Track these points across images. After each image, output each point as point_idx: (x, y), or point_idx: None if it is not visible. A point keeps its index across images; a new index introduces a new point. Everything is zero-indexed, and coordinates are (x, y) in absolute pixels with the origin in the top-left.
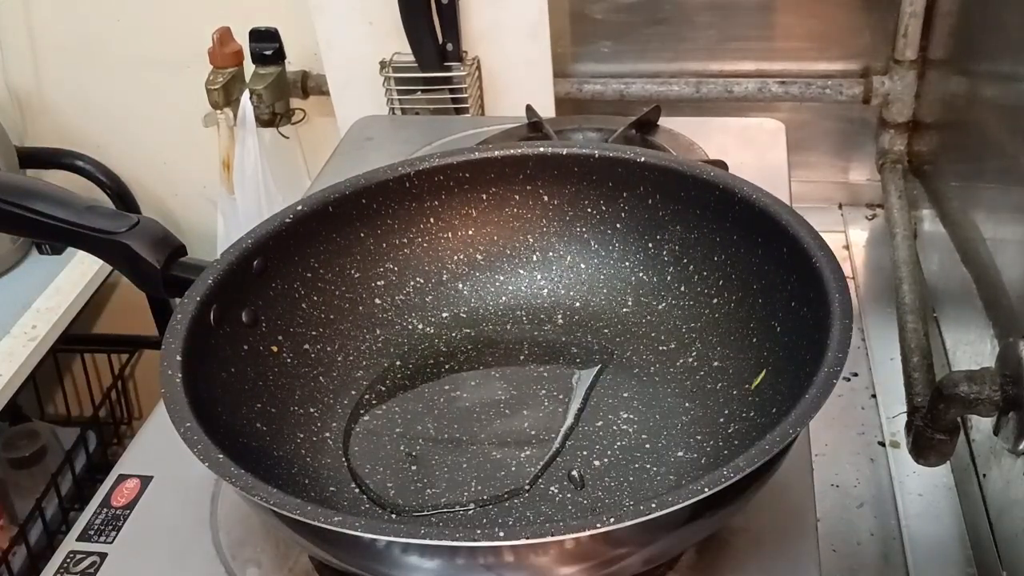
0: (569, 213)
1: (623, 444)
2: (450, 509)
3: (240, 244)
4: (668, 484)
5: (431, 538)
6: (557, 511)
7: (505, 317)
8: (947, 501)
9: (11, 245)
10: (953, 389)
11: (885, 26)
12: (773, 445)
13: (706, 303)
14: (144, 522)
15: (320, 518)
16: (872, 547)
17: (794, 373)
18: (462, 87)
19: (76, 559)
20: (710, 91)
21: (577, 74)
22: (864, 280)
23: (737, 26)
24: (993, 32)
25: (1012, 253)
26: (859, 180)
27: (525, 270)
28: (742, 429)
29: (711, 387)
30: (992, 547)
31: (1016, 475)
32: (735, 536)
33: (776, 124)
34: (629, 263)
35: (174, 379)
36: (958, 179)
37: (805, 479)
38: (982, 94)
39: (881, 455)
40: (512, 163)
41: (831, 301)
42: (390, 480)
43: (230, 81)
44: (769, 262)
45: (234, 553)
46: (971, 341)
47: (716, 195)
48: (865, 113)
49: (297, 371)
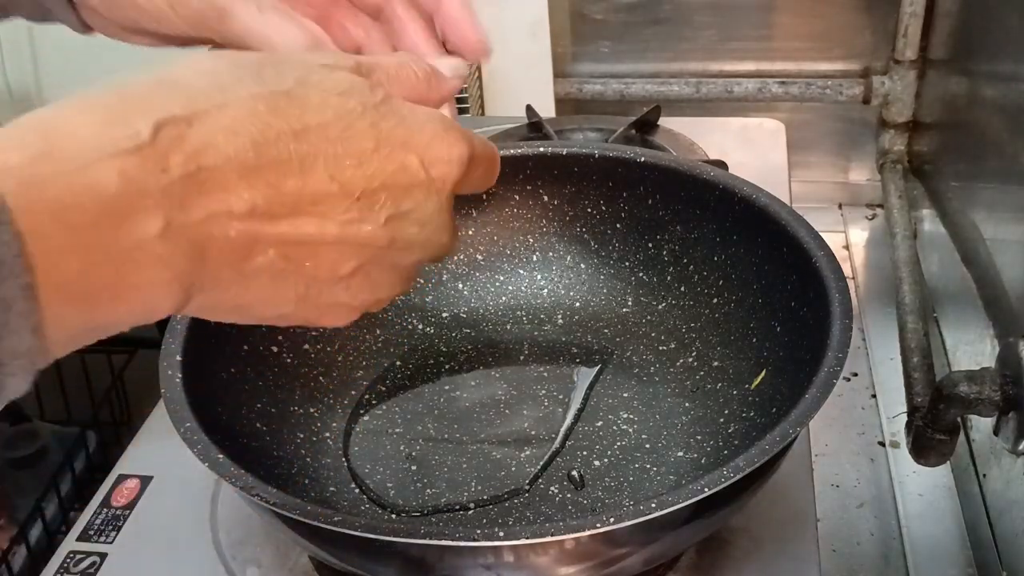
0: (569, 213)
1: (623, 444)
2: (450, 509)
3: None
4: (668, 484)
5: (431, 538)
6: (557, 511)
7: (505, 317)
8: (947, 501)
9: None
10: (953, 389)
11: (885, 26)
12: (773, 445)
13: (706, 303)
14: (144, 522)
15: (320, 518)
16: (872, 547)
17: (794, 373)
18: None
19: (76, 559)
20: (710, 91)
21: (577, 74)
22: (864, 280)
23: (737, 26)
24: (993, 32)
25: (1012, 253)
26: (859, 180)
27: (525, 270)
28: (742, 429)
29: (711, 387)
30: (992, 547)
31: (1016, 475)
32: (735, 536)
33: (776, 124)
34: (629, 263)
35: (174, 379)
36: (958, 179)
37: (805, 479)
38: (982, 94)
39: (881, 455)
40: (512, 163)
41: (831, 301)
42: (390, 480)
43: None
44: (769, 262)
45: (234, 553)
46: (971, 341)
47: (716, 195)
48: (865, 113)
49: (297, 371)
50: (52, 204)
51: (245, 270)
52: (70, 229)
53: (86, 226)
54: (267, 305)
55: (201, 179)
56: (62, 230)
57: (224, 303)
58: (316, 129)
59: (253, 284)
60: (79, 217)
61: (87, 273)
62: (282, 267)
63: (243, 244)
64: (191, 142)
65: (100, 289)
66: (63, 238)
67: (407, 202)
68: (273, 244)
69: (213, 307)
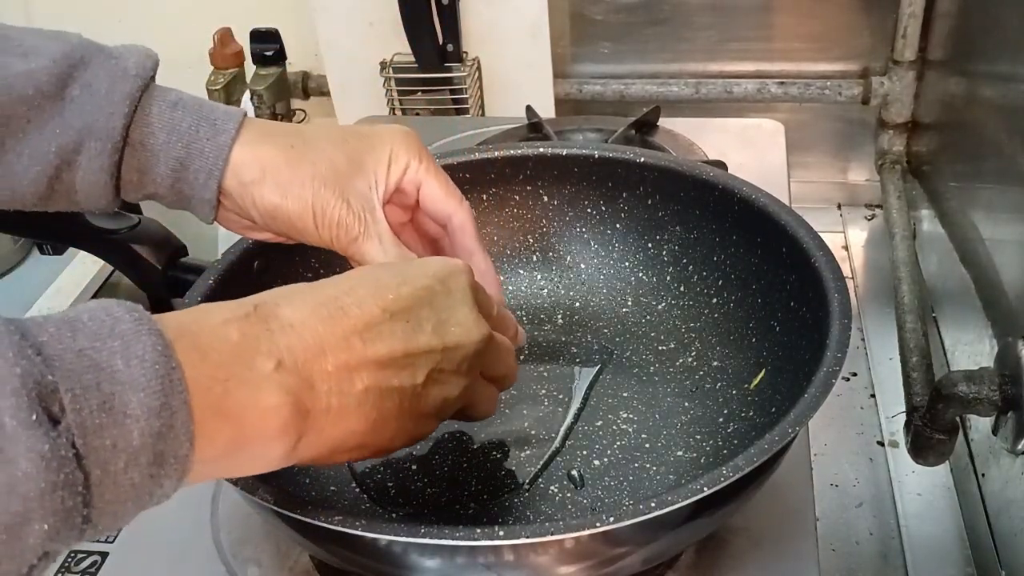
0: (569, 213)
1: (623, 444)
2: (450, 508)
3: (241, 244)
4: (667, 483)
5: (431, 538)
6: (557, 510)
7: None
8: (946, 500)
9: (12, 245)
10: (952, 389)
11: (884, 27)
12: (772, 444)
13: (705, 303)
14: (145, 521)
15: (320, 518)
16: (871, 546)
17: (793, 373)
18: (462, 88)
19: (77, 559)
20: (710, 92)
21: (577, 75)
22: (863, 280)
23: (737, 27)
24: (992, 33)
25: (1010, 253)
26: (858, 180)
27: (525, 270)
28: (741, 428)
29: (710, 387)
30: (991, 546)
31: (1014, 475)
32: (735, 536)
33: (775, 125)
34: (629, 263)
35: None
36: (957, 179)
37: (804, 479)
38: (981, 95)
39: (880, 455)
40: (512, 163)
41: (830, 301)
42: (390, 480)
43: (231, 82)
44: (768, 262)
45: (235, 552)
46: (970, 341)
47: (716, 195)
48: (864, 114)
49: None
50: (199, 347)
51: (350, 393)
52: (212, 364)
53: (222, 363)
54: (375, 426)
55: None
56: (207, 364)
57: (338, 432)
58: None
59: (360, 408)
60: (216, 356)
61: (226, 395)
62: (376, 387)
63: (343, 373)
64: (283, 312)
65: (237, 410)
66: (208, 369)
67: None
68: (366, 368)
69: (331, 443)
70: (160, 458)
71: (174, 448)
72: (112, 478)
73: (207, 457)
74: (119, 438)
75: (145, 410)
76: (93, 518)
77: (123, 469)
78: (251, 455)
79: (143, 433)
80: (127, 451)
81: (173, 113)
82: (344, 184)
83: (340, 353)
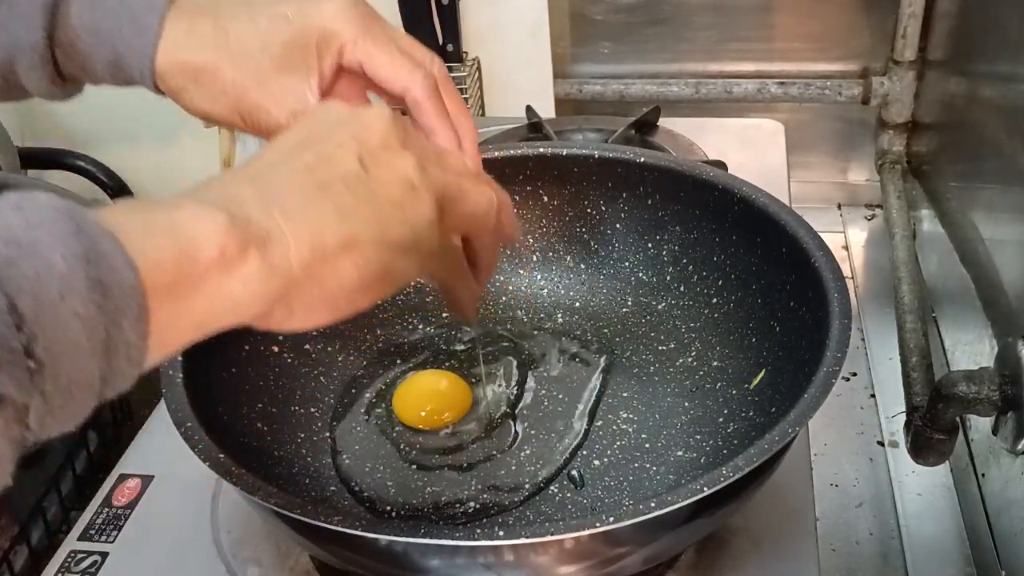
0: (569, 213)
1: (623, 444)
2: (450, 508)
3: None
4: (667, 483)
5: (431, 538)
6: (557, 510)
7: (505, 317)
8: (946, 500)
9: None
10: (952, 389)
11: (884, 27)
12: (772, 444)
13: (705, 303)
14: (145, 521)
15: (321, 518)
16: (871, 546)
17: (793, 373)
18: (462, 87)
19: (77, 558)
20: (710, 92)
21: (577, 75)
22: (863, 280)
23: (737, 27)
24: (992, 33)
25: (1010, 253)
26: (858, 180)
27: (525, 270)
28: (741, 429)
29: (710, 387)
30: (991, 546)
31: (1014, 475)
32: (735, 536)
33: (775, 125)
34: (629, 263)
35: (175, 379)
36: (957, 179)
37: (804, 479)
38: (981, 95)
39: (880, 455)
40: (512, 163)
41: (830, 301)
42: (390, 479)
43: None
44: (768, 262)
45: (235, 552)
46: (970, 341)
47: (716, 195)
48: (864, 114)
49: (298, 371)
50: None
51: (288, 196)
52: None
53: (144, 207)
54: (345, 217)
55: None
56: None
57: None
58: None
59: (308, 205)
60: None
61: (153, 217)
62: (313, 184)
63: (270, 188)
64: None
65: (167, 224)
66: (126, 208)
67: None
68: (286, 171)
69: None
70: (101, 286)
71: (110, 275)
72: (50, 309)
73: (159, 283)
74: (40, 268)
75: (58, 239)
76: (38, 354)
77: (59, 297)
78: (216, 284)
79: (65, 257)
80: (54, 275)
81: (93, 13)
82: (270, 84)
83: (257, 179)
